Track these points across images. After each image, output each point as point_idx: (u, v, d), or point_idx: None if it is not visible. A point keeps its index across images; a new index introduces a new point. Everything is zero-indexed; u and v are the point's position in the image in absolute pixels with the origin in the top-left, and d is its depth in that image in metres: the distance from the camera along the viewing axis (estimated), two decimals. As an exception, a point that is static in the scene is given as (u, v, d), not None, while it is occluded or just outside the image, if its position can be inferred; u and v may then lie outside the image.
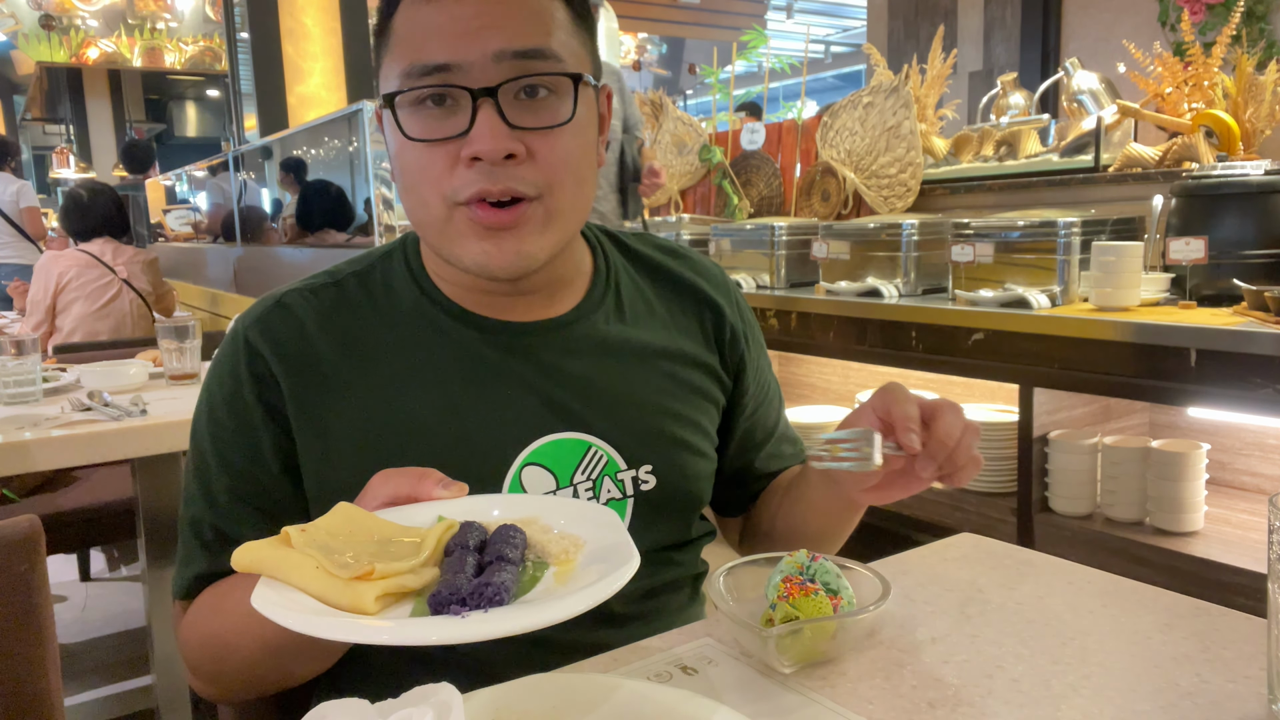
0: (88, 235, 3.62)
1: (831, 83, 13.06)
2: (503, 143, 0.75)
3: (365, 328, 0.86)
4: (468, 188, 0.77)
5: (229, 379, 0.84)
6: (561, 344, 0.88)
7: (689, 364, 0.95)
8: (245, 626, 0.72)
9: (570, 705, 0.62)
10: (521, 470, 0.84)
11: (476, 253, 0.79)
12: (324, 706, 0.55)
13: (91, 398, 1.86)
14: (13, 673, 1.05)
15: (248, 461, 0.83)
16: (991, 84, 2.92)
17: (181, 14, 10.33)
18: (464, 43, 0.76)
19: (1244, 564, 1.69)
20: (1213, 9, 2.71)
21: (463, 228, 0.79)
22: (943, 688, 0.68)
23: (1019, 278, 2.04)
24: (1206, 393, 1.66)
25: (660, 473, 0.89)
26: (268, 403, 0.83)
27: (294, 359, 0.83)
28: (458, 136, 0.77)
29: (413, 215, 0.84)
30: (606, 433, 0.87)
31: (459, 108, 0.77)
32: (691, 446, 0.93)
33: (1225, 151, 2.09)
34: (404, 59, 0.78)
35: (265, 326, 0.84)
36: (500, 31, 0.76)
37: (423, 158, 0.78)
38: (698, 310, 0.98)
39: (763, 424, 1.04)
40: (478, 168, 0.76)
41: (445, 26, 0.76)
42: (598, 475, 0.87)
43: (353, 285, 0.88)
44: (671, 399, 0.92)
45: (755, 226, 2.69)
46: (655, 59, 11.62)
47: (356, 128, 3.22)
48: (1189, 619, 0.77)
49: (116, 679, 2.42)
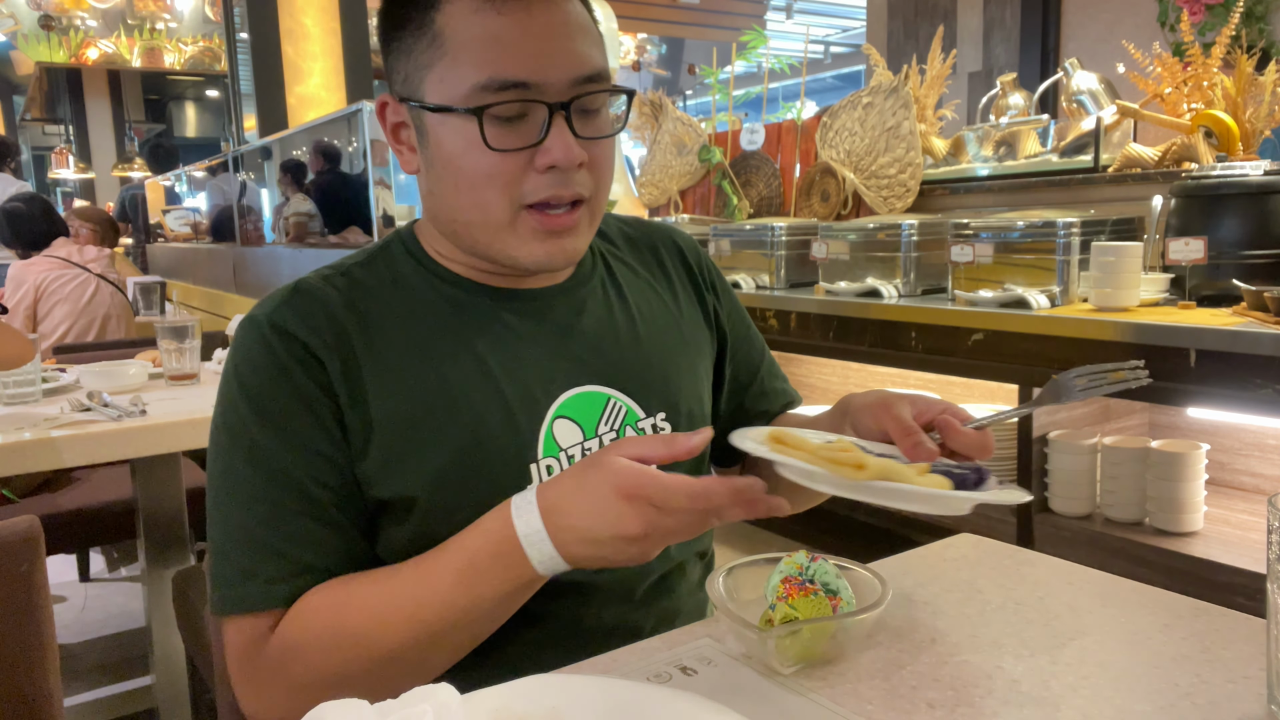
0: (44, 241, 3.66)
1: (831, 83, 13.06)
2: (575, 153, 0.82)
3: (383, 308, 0.88)
4: (538, 192, 0.83)
5: (267, 368, 0.83)
6: (570, 305, 0.94)
7: (681, 318, 1.03)
8: (392, 614, 0.76)
9: (570, 705, 0.62)
10: (553, 424, 0.89)
11: (539, 254, 0.86)
12: (323, 707, 0.55)
13: (91, 398, 1.86)
14: (13, 673, 1.05)
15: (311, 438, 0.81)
16: (991, 84, 2.92)
17: (181, 14, 10.33)
18: (543, 64, 0.81)
19: (1243, 564, 1.69)
20: (1212, 9, 2.72)
21: (525, 231, 0.85)
22: (943, 688, 0.68)
23: (1018, 278, 2.04)
24: (1206, 393, 1.66)
25: (674, 420, 0.96)
26: (319, 382, 0.82)
27: (329, 336, 0.84)
28: (531, 146, 0.82)
29: (464, 215, 0.86)
30: (623, 384, 0.93)
31: (531, 117, 0.82)
32: (696, 394, 1.00)
33: (1225, 152, 2.09)
34: (478, 70, 0.80)
35: (293, 311, 0.85)
36: (572, 56, 0.82)
37: (495, 163, 0.82)
38: (673, 269, 1.06)
39: (746, 364, 1.11)
40: (551, 174, 0.82)
41: (522, 43, 0.80)
42: (619, 426, 0.92)
43: (360, 273, 0.91)
44: (671, 350, 0.99)
45: (755, 227, 2.69)
46: (655, 59, 11.61)
47: (356, 128, 3.22)
48: (1189, 619, 0.77)
49: (116, 679, 2.42)
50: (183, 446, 1.81)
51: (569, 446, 0.89)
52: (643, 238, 1.07)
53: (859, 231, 2.41)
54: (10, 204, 3.75)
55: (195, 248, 5.64)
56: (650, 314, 1.00)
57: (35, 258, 3.65)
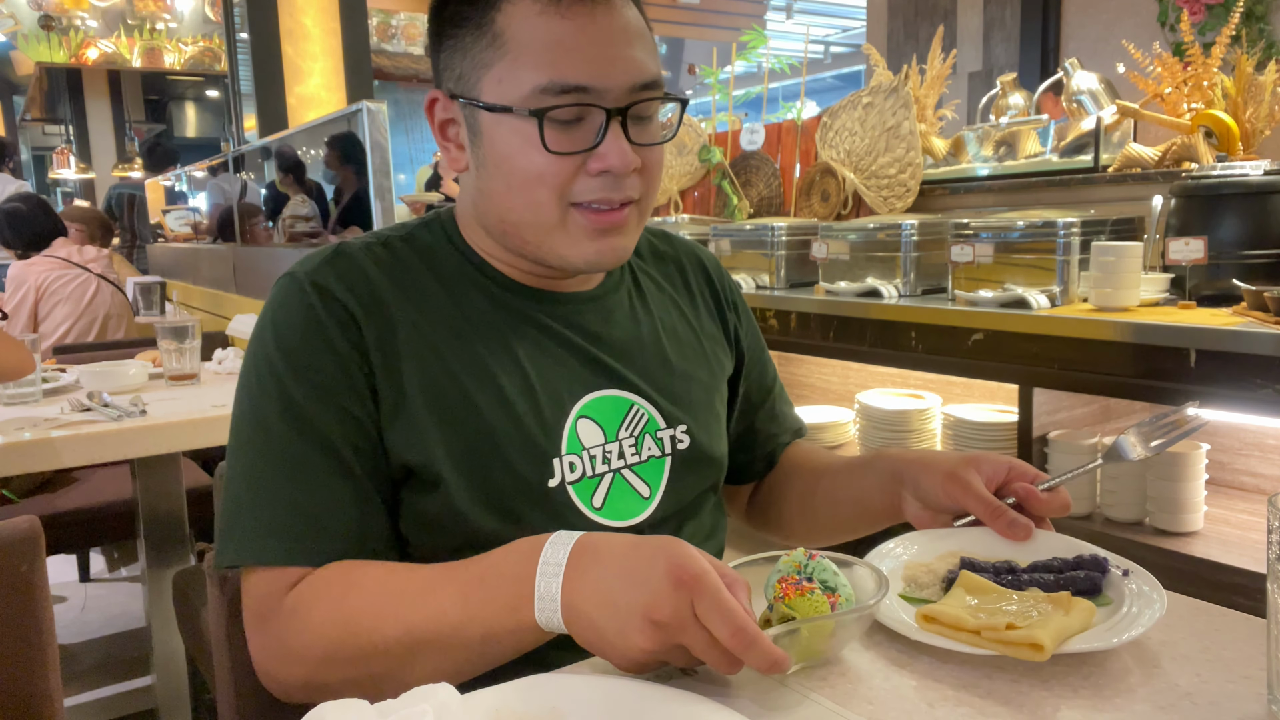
0: (44, 242, 3.66)
1: (831, 83, 13.05)
2: (630, 159, 0.83)
3: (420, 280, 0.89)
4: (591, 193, 0.84)
5: (304, 325, 0.83)
6: (599, 312, 0.96)
7: (702, 335, 1.04)
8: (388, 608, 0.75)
9: (570, 705, 0.62)
10: (577, 422, 0.90)
11: (590, 252, 0.86)
12: (323, 707, 0.55)
13: (91, 398, 1.86)
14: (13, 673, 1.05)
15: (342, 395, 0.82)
16: (991, 84, 2.92)
17: (181, 14, 10.32)
18: (604, 69, 0.81)
19: (1244, 564, 1.69)
20: (1212, 9, 2.71)
21: (575, 231, 0.85)
22: (943, 688, 0.68)
23: (1018, 278, 2.04)
24: (1206, 393, 1.66)
25: (694, 433, 0.96)
26: (354, 343, 0.83)
27: (368, 300, 0.85)
28: (588, 150, 0.83)
29: (514, 215, 0.87)
30: (646, 393, 0.94)
31: (587, 122, 0.83)
32: (715, 411, 1.01)
33: (1225, 152, 2.08)
34: (540, 72, 0.81)
35: (334, 271, 0.86)
36: (632, 63, 0.83)
37: (549, 165, 0.83)
38: (697, 286, 1.07)
39: (759, 384, 1.12)
40: (603, 178, 0.83)
41: (585, 48, 0.81)
42: (639, 432, 0.93)
43: (399, 245, 0.92)
44: (695, 366, 1.00)
45: (755, 227, 2.69)
46: (655, 59, 11.60)
47: (356, 128, 3.22)
48: (1189, 619, 0.77)
49: (116, 679, 2.42)
50: (183, 446, 1.81)
51: (591, 446, 0.90)
52: (669, 252, 1.08)
53: (859, 231, 2.41)
54: (10, 204, 3.75)
55: (195, 248, 5.63)
56: (673, 327, 1.01)
57: (35, 258, 3.65)
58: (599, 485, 0.90)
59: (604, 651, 0.67)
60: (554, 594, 0.68)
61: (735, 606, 0.62)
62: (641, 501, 0.92)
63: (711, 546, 1.00)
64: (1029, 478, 0.86)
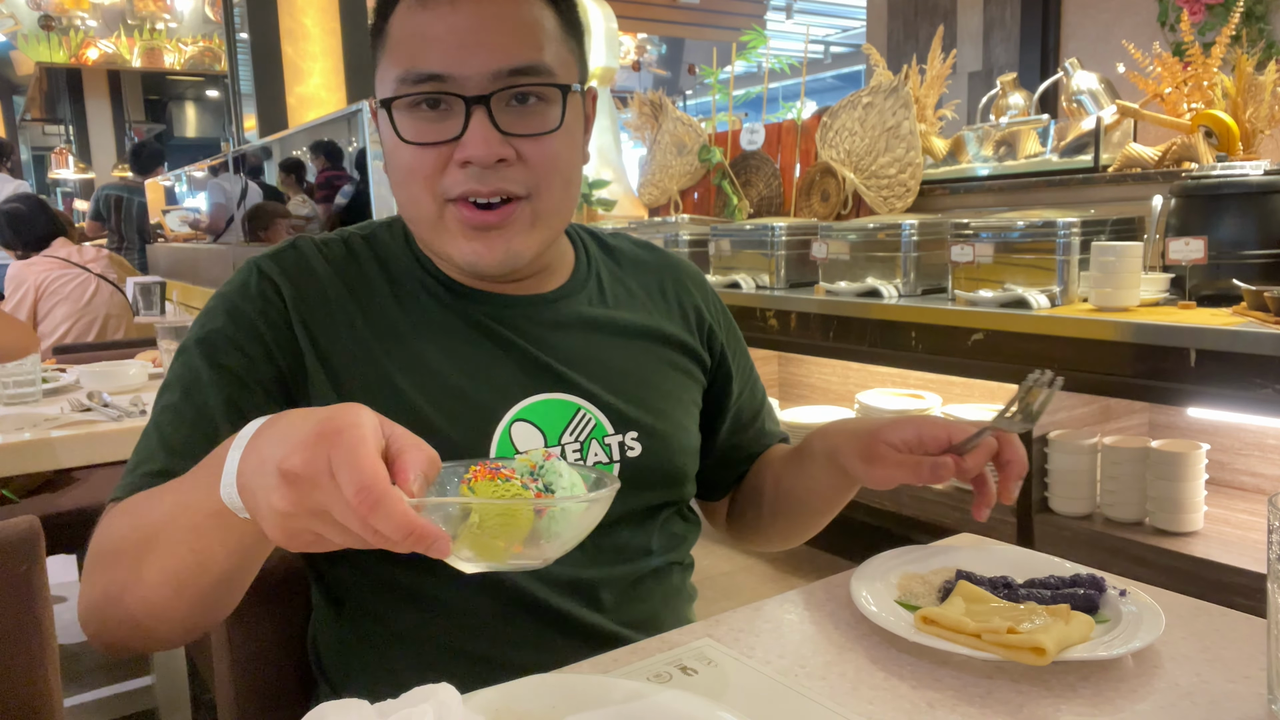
0: (43, 242, 3.66)
1: (831, 83, 13.05)
2: (494, 148, 0.80)
3: (369, 278, 0.90)
4: (457, 187, 0.82)
5: (235, 293, 0.86)
6: (548, 317, 0.93)
7: (669, 344, 1.00)
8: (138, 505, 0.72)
9: (570, 705, 0.62)
10: (511, 425, 0.87)
11: (467, 251, 0.84)
12: (324, 707, 0.55)
13: (91, 398, 1.86)
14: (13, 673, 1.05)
15: (240, 365, 0.82)
16: (991, 84, 2.92)
17: (181, 14, 10.33)
18: (460, 56, 0.80)
19: (1244, 564, 1.69)
20: (1212, 9, 2.72)
21: (452, 226, 0.84)
22: (942, 688, 0.68)
23: (1018, 278, 2.04)
24: (1206, 393, 1.66)
25: (645, 441, 0.92)
26: (270, 319, 0.84)
27: (301, 284, 0.86)
28: (451, 140, 0.81)
29: (405, 210, 0.88)
30: (595, 397, 0.91)
31: (452, 111, 0.81)
32: (674, 420, 0.96)
33: (1225, 152, 2.09)
34: (400, 64, 0.82)
35: (279, 259, 0.88)
36: (495, 49, 0.80)
37: (416, 157, 0.82)
38: (676, 296, 1.04)
39: (749, 405, 1.09)
40: (469, 170, 0.81)
41: (443, 38, 0.80)
42: (585, 437, 0.90)
43: (358, 243, 0.93)
44: (655, 373, 0.97)
45: (755, 227, 2.69)
46: (655, 59, 11.61)
47: (356, 128, 3.22)
48: (1189, 619, 0.77)
49: (116, 679, 2.42)
50: (183, 446, 1.81)
51: (527, 450, 0.86)
52: (654, 263, 1.05)
53: (859, 231, 2.41)
54: (9, 204, 3.75)
55: (195, 248, 5.63)
56: (638, 334, 0.98)
57: (35, 258, 3.65)
58: None
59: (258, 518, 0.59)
60: (233, 466, 0.60)
61: (370, 462, 0.53)
62: None
63: (680, 552, 0.98)
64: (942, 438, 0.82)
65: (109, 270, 3.71)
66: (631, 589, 0.91)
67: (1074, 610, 0.74)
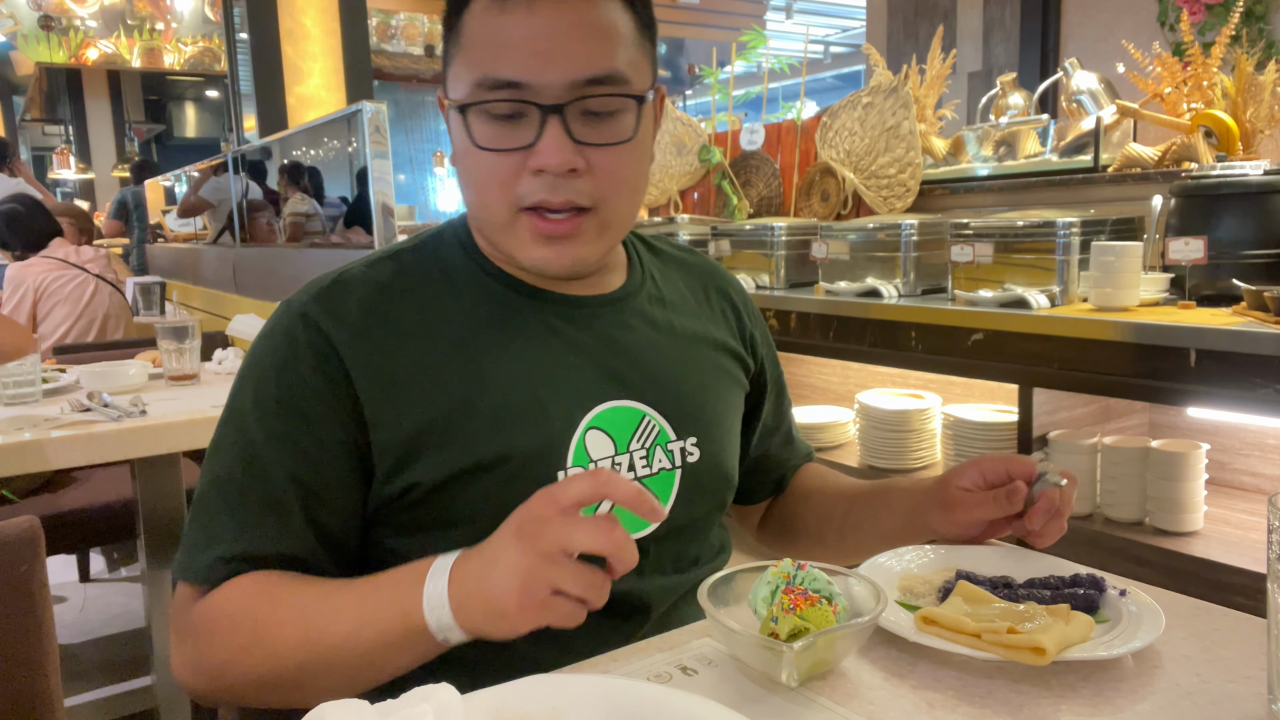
0: (40, 243, 3.66)
1: (831, 83, 13.05)
2: (567, 158, 0.80)
3: (429, 293, 0.89)
4: (531, 195, 0.82)
5: (280, 352, 0.83)
6: (615, 316, 0.93)
7: (721, 350, 1.01)
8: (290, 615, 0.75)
9: (570, 705, 0.62)
10: (586, 434, 0.87)
11: (536, 257, 0.85)
12: (323, 707, 0.55)
13: (91, 398, 1.86)
14: (13, 673, 1.05)
15: (298, 430, 0.81)
16: (991, 84, 2.92)
17: (181, 15, 10.32)
18: (538, 64, 0.79)
19: (1244, 564, 1.69)
20: (1212, 9, 2.71)
21: (523, 234, 0.84)
22: (943, 688, 0.68)
23: (1018, 278, 2.04)
24: (1206, 393, 1.66)
25: (704, 446, 0.94)
26: (326, 373, 0.82)
27: (356, 324, 0.84)
28: (524, 147, 0.81)
29: (476, 213, 0.88)
30: (658, 403, 0.91)
31: (527, 118, 0.80)
32: (726, 425, 0.98)
33: (1224, 152, 2.08)
34: (476, 68, 0.81)
35: (324, 301, 0.85)
36: (572, 57, 0.79)
37: (490, 163, 0.82)
38: (720, 302, 1.05)
39: (777, 412, 1.11)
40: (542, 178, 0.81)
41: (521, 44, 0.79)
42: (650, 444, 0.91)
43: (409, 259, 0.91)
44: (711, 379, 0.98)
45: (754, 227, 2.69)
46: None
47: (356, 128, 3.21)
48: (1189, 619, 0.77)
49: (116, 679, 2.42)
50: (183, 447, 1.81)
51: (600, 459, 0.87)
52: (695, 266, 1.06)
53: (859, 231, 2.41)
54: (7, 205, 3.75)
55: (195, 248, 5.63)
56: (692, 339, 0.98)
57: (33, 258, 3.64)
58: None
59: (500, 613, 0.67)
60: (441, 591, 0.69)
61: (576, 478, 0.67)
62: None
63: (721, 561, 0.98)
64: (1001, 471, 0.89)
65: (107, 270, 3.71)
66: (683, 600, 0.92)
67: (1074, 610, 0.74)
